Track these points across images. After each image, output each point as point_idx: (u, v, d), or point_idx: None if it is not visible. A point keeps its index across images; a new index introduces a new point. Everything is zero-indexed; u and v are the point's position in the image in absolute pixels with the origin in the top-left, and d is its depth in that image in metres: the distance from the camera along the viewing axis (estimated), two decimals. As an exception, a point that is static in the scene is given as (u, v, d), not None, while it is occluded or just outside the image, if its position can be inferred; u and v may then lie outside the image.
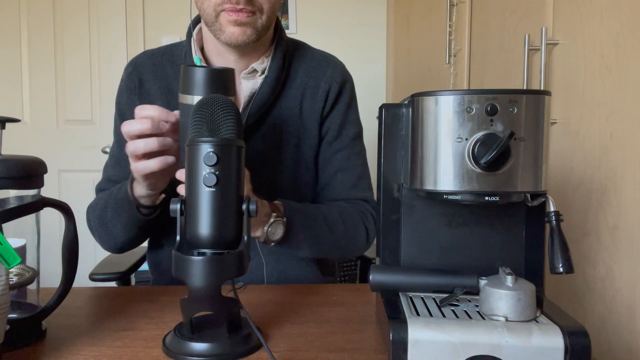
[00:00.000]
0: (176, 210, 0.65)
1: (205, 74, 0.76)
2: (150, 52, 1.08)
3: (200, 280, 0.62)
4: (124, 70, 1.07)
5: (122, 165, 1.04)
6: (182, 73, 0.78)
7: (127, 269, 1.25)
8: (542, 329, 0.60)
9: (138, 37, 2.54)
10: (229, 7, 0.90)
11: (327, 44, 1.21)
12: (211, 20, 0.93)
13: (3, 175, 0.63)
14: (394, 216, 0.74)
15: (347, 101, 1.07)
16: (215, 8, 0.91)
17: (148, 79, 1.04)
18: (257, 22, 0.93)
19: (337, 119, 1.06)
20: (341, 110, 1.06)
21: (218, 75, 0.77)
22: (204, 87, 0.76)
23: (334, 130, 1.06)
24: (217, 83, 0.77)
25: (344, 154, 1.07)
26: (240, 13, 0.90)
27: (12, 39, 2.53)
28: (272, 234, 0.90)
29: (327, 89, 1.05)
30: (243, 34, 0.92)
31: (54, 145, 2.57)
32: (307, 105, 1.04)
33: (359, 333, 0.73)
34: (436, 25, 1.85)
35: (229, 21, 0.91)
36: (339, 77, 1.07)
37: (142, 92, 1.04)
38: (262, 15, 0.93)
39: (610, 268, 0.88)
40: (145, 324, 0.76)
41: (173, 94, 1.02)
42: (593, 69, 0.94)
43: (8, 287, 0.59)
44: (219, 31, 0.93)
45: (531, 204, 0.66)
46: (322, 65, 1.07)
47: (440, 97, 0.63)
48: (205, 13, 0.93)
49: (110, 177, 1.07)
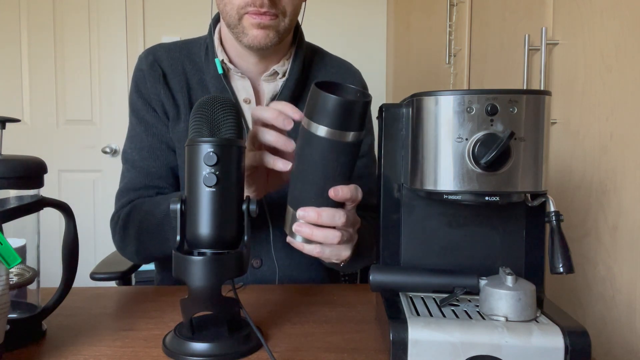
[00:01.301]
0: (176, 210, 0.65)
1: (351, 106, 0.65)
2: (167, 47, 1.05)
3: (200, 280, 0.62)
4: (143, 59, 1.03)
5: (159, 155, 1.00)
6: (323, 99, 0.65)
7: (128, 268, 1.25)
8: (542, 329, 0.60)
9: (138, 37, 2.54)
10: (252, 10, 0.89)
11: (327, 43, 1.21)
12: (234, 23, 0.92)
13: (3, 175, 0.63)
14: (394, 216, 0.74)
15: None
16: (239, 11, 0.90)
17: (168, 73, 1.01)
18: (280, 25, 0.92)
19: None
20: None
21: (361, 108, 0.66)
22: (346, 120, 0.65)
23: None
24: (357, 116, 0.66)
25: (364, 162, 1.08)
26: (263, 16, 0.89)
27: (12, 39, 2.54)
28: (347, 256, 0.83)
29: None
30: (266, 37, 0.91)
31: (54, 145, 2.57)
32: None
33: (359, 333, 0.73)
34: (436, 25, 1.85)
35: (252, 24, 0.90)
36: (359, 85, 1.09)
37: (165, 84, 1.01)
38: (284, 18, 0.92)
39: (610, 268, 0.88)
40: (145, 324, 0.76)
41: (191, 88, 1.01)
42: (593, 69, 0.94)
43: (8, 287, 0.59)
44: (241, 34, 0.92)
45: (531, 204, 0.66)
46: (342, 71, 1.09)
47: (440, 97, 0.63)
48: (228, 15, 0.92)
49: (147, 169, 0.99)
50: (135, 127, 1.03)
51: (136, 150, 1.02)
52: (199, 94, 1.01)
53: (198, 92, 1.01)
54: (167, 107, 1.00)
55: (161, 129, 1.01)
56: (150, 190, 1.00)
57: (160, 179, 1.00)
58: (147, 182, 1.00)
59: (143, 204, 0.96)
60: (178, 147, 1.01)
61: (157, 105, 1.00)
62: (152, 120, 1.01)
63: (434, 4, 1.89)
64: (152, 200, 0.96)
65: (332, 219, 0.71)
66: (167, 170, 1.00)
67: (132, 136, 1.03)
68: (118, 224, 0.98)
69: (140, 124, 1.02)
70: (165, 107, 1.00)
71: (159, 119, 1.01)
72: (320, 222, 0.71)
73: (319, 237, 0.72)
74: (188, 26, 2.47)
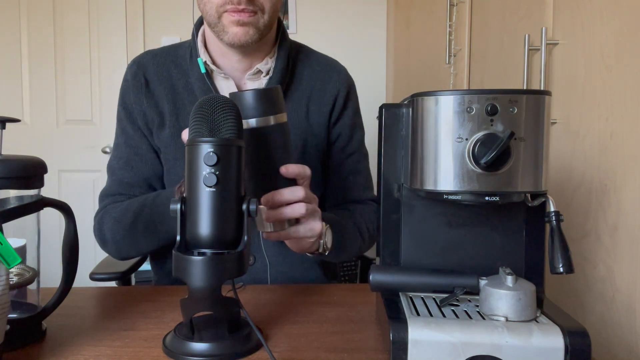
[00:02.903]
0: (176, 210, 0.65)
1: (255, 95, 0.76)
2: (153, 53, 1.08)
3: (200, 280, 0.62)
4: (128, 69, 1.06)
5: (133, 166, 1.04)
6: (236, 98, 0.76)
7: (128, 268, 1.25)
8: (542, 329, 0.60)
9: (138, 37, 2.54)
10: (230, 8, 0.91)
11: (327, 44, 1.22)
12: (214, 22, 0.94)
13: (3, 175, 0.63)
14: (394, 216, 0.74)
15: (355, 106, 1.12)
16: (218, 9, 0.92)
17: (153, 80, 1.04)
18: (259, 22, 0.94)
19: (347, 124, 1.09)
20: (350, 115, 1.10)
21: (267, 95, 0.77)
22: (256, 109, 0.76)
23: (346, 135, 1.09)
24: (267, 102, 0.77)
25: (355, 158, 1.10)
26: (242, 13, 0.91)
27: (12, 39, 2.53)
28: (327, 242, 0.89)
29: (335, 94, 1.07)
30: (245, 34, 0.93)
31: (54, 145, 2.57)
32: (314, 108, 1.06)
33: (359, 333, 0.73)
34: (436, 25, 1.85)
35: (231, 22, 0.92)
36: (345, 82, 1.10)
37: (148, 92, 1.03)
38: (263, 15, 0.94)
39: (610, 268, 0.88)
40: (145, 324, 0.76)
41: (177, 93, 1.03)
42: (593, 69, 0.94)
43: (8, 287, 0.60)
44: (221, 32, 0.94)
45: (531, 204, 0.66)
46: (327, 69, 1.09)
47: (440, 97, 0.63)
48: (208, 14, 0.94)
49: (121, 179, 1.04)
50: (119, 136, 1.07)
51: (115, 159, 1.06)
52: (184, 97, 1.03)
53: (184, 96, 1.03)
54: (149, 116, 1.03)
55: (138, 141, 1.04)
56: (123, 197, 1.03)
57: (132, 188, 1.04)
58: (120, 190, 1.04)
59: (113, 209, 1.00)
60: (164, 152, 1.03)
61: (138, 116, 1.04)
62: (131, 132, 1.05)
63: (434, 4, 1.89)
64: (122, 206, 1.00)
65: (292, 194, 0.78)
66: (140, 180, 1.04)
67: (116, 144, 1.08)
68: (95, 227, 1.03)
69: (122, 135, 1.06)
70: (147, 117, 1.03)
71: (137, 130, 1.04)
72: (283, 201, 0.77)
73: (287, 213, 0.78)
74: (188, 26, 2.45)
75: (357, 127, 1.11)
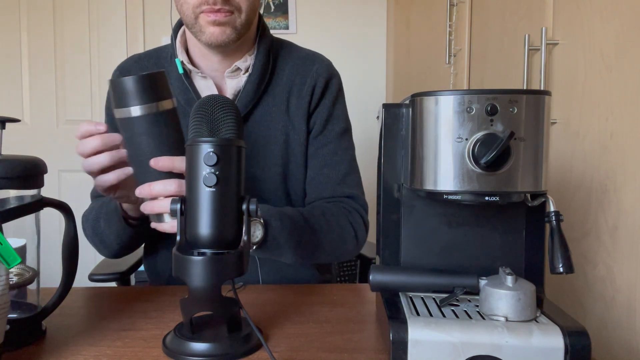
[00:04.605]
0: (176, 210, 0.65)
1: (135, 81, 0.72)
2: (137, 57, 1.09)
3: (200, 280, 0.62)
4: (112, 75, 1.07)
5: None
6: (113, 87, 0.73)
7: (127, 269, 1.25)
8: (542, 329, 0.60)
9: (138, 37, 2.54)
10: (206, 8, 0.91)
11: (327, 44, 1.21)
12: (191, 23, 0.95)
13: (3, 175, 0.63)
14: (394, 216, 0.74)
15: (333, 96, 1.07)
16: (194, 10, 0.93)
17: None
18: (236, 21, 0.94)
19: (323, 113, 1.05)
20: (327, 105, 1.06)
21: (149, 80, 0.73)
22: (138, 96, 0.72)
23: (320, 124, 1.05)
24: (150, 88, 0.73)
25: (330, 149, 1.05)
26: (218, 13, 0.92)
27: (12, 39, 2.53)
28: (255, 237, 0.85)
29: (313, 84, 1.05)
30: (222, 33, 0.93)
31: (54, 145, 2.57)
32: (294, 101, 1.04)
33: (359, 333, 0.73)
34: (436, 25, 1.85)
35: (208, 22, 0.93)
36: (325, 72, 1.06)
37: None
38: (240, 14, 0.94)
39: (610, 268, 0.88)
40: (145, 324, 0.76)
41: None
42: (593, 69, 0.94)
43: (8, 287, 0.59)
44: (199, 32, 0.95)
45: (531, 204, 0.66)
46: (308, 62, 1.07)
47: (440, 97, 0.63)
48: (185, 15, 0.95)
49: None
50: None
51: None
52: None
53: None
54: None
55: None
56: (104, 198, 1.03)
57: None
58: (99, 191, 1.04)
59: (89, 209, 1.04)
60: None
61: None
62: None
63: (434, 4, 1.89)
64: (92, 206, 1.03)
65: (164, 188, 0.75)
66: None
67: None
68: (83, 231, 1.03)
69: None
70: None
71: None
72: (155, 194, 0.75)
73: (160, 208, 0.76)
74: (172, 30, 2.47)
75: (335, 118, 1.07)
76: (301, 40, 1.16)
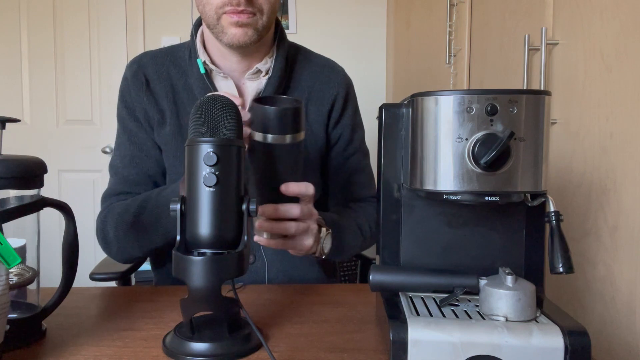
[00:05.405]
0: (176, 210, 0.65)
1: (292, 112, 0.78)
2: (152, 54, 1.08)
3: (200, 280, 0.62)
4: (127, 68, 1.06)
5: (138, 162, 1.04)
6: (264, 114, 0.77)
7: (128, 268, 1.25)
8: (542, 329, 0.60)
9: (138, 37, 2.54)
10: (230, 9, 0.91)
11: (327, 44, 1.22)
12: (213, 23, 0.94)
13: (3, 175, 0.63)
14: (394, 216, 0.74)
15: (354, 106, 1.13)
16: (217, 11, 0.92)
17: (153, 79, 1.04)
18: (258, 23, 0.94)
19: (348, 124, 1.11)
20: (350, 115, 1.11)
21: (299, 111, 0.79)
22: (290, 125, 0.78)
23: (347, 135, 1.10)
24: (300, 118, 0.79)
25: (358, 157, 1.12)
26: (241, 14, 0.92)
27: (12, 39, 2.53)
28: (325, 247, 0.91)
29: (334, 95, 1.08)
30: (244, 35, 0.93)
31: (54, 145, 2.57)
32: (313, 108, 1.07)
33: (359, 333, 0.73)
34: (436, 25, 1.85)
35: (231, 23, 0.93)
36: (344, 83, 1.11)
37: (149, 90, 1.04)
38: (262, 16, 0.94)
39: (610, 268, 0.88)
40: (145, 324, 0.76)
41: (177, 92, 1.04)
42: (593, 69, 0.94)
43: (8, 287, 0.60)
44: (221, 33, 0.94)
45: (531, 204, 0.66)
46: (325, 70, 1.10)
47: (440, 97, 0.63)
48: (207, 16, 0.95)
49: (126, 177, 1.04)
50: (121, 135, 1.07)
51: (119, 158, 1.06)
52: (184, 97, 1.03)
53: (183, 95, 1.03)
54: (150, 113, 1.03)
55: (142, 138, 1.04)
56: (127, 195, 1.03)
57: (137, 186, 1.04)
58: (125, 188, 1.04)
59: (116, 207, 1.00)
60: (165, 149, 1.04)
61: (140, 114, 1.04)
62: (134, 129, 1.05)
63: (434, 4, 1.89)
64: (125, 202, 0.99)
65: (286, 212, 0.80)
66: (145, 177, 1.04)
67: (118, 144, 1.07)
68: (98, 227, 1.01)
69: (125, 133, 1.06)
70: (148, 115, 1.03)
71: (141, 127, 1.04)
72: (277, 216, 0.80)
73: (279, 229, 0.81)
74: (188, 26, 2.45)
75: (357, 127, 1.13)
76: (301, 40, 1.16)
